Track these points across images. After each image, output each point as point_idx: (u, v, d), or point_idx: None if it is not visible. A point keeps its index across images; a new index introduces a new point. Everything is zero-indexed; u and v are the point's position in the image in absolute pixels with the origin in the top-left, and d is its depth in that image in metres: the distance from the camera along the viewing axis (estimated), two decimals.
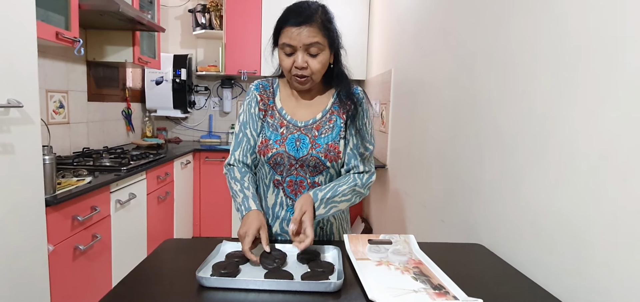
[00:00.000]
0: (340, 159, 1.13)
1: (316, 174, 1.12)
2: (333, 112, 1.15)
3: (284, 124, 1.14)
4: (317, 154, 1.10)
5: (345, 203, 1.12)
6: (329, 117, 1.14)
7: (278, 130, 1.13)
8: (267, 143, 1.12)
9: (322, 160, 1.10)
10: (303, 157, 1.11)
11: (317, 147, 1.11)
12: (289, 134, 1.12)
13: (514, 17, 1.11)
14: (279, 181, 1.13)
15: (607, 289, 0.75)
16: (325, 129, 1.13)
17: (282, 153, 1.10)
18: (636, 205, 0.69)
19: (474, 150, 1.32)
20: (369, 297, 0.78)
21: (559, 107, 0.90)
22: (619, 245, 0.73)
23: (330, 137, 1.12)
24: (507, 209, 1.11)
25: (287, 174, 1.12)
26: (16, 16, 1.23)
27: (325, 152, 1.11)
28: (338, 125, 1.13)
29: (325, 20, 1.07)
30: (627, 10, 0.73)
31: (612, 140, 0.75)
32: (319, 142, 1.11)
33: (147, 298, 0.80)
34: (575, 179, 0.84)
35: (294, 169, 1.12)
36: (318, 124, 1.13)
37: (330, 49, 1.09)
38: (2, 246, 1.19)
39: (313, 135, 1.12)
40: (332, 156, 1.11)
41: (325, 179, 1.14)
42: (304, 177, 1.12)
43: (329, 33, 1.07)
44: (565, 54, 0.89)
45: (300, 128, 1.13)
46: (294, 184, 1.13)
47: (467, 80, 1.39)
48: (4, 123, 1.18)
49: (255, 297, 0.80)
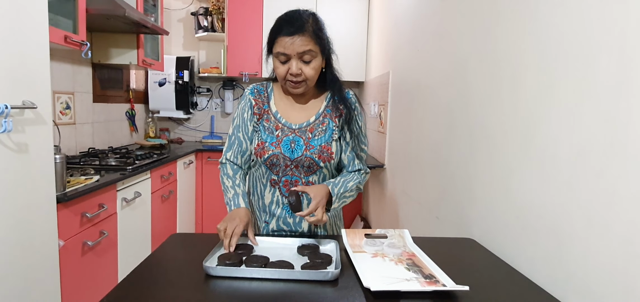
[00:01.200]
0: (333, 159, 1.19)
1: (310, 174, 1.19)
2: (326, 115, 1.21)
3: (279, 127, 1.20)
4: (311, 155, 1.17)
5: (350, 199, 1.21)
6: (322, 120, 1.21)
7: (273, 133, 1.19)
8: (264, 145, 1.18)
9: (315, 161, 1.17)
10: (298, 158, 1.17)
11: (311, 148, 1.17)
12: (284, 136, 1.18)
13: (502, 24, 1.18)
14: (276, 180, 1.20)
15: (584, 276, 0.81)
16: (318, 131, 1.19)
17: (277, 154, 1.17)
18: (609, 198, 0.75)
19: (466, 149, 1.38)
20: (364, 285, 0.84)
21: (542, 108, 0.97)
22: (594, 235, 0.79)
23: (324, 139, 1.18)
24: (496, 204, 1.17)
25: (283, 174, 1.19)
26: (30, 21, 1.29)
27: (319, 153, 1.17)
28: (330, 127, 1.20)
29: (316, 28, 1.13)
30: (600, 17, 0.79)
31: (589, 139, 0.81)
32: (313, 143, 1.18)
33: (159, 284, 0.86)
34: (556, 175, 0.90)
35: (289, 169, 1.18)
36: (312, 127, 1.20)
37: (322, 55, 1.16)
38: (16, 240, 1.25)
39: (307, 137, 1.18)
40: (325, 157, 1.17)
41: (318, 178, 1.21)
42: (298, 177, 1.19)
43: (321, 40, 1.14)
44: (546, 59, 0.95)
45: (294, 130, 1.19)
46: (289, 183, 1.19)
47: (460, 83, 1.45)
48: (18, 123, 1.24)
49: (258, 285, 0.86)
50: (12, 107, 1.18)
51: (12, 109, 1.18)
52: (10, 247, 1.23)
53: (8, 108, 1.15)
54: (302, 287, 0.86)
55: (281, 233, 1.23)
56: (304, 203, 1.15)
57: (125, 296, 0.81)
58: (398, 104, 2.35)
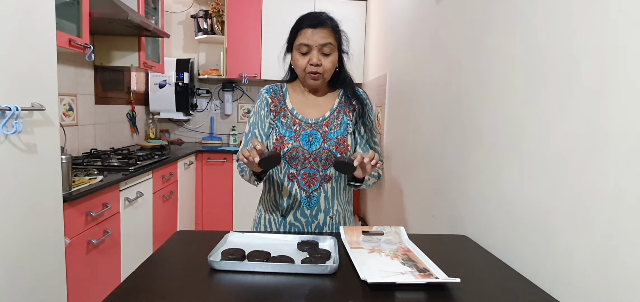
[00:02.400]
0: (349, 151, 1.27)
1: (328, 166, 1.26)
2: (340, 111, 1.30)
3: (297, 122, 1.27)
4: (328, 147, 1.24)
5: (374, 179, 1.32)
6: (336, 115, 1.29)
7: (291, 128, 1.26)
8: (283, 139, 1.25)
9: (333, 152, 1.24)
10: (316, 150, 1.24)
11: (328, 141, 1.25)
12: (301, 131, 1.26)
13: (492, 29, 1.23)
14: (294, 174, 1.26)
15: (568, 268, 0.86)
16: (334, 125, 1.27)
17: (297, 147, 1.24)
18: (590, 195, 0.80)
19: (459, 149, 1.43)
20: (361, 278, 0.89)
21: (530, 110, 1.02)
22: (577, 228, 0.84)
23: (340, 132, 1.27)
24: (488, 202, 1.22)
25: (301, 167, 1.25)
26: (38, 25, 1.34)
27: (336, 145, 1.25)
28: (345, 122, 1.28)
29: (335, 26, 1.25)
30: (582, 26, 0.84)
31: (572, 139, 0.86)
32: (330, 136, 1.26)
33: (166, 276, 0.91)
34: (542, 173, 0.95)
35: (308, 162, 1.25)
36: (327, 121, 1.28)
37: (338, 52, 1.26)
38: (25, 237, 1.29)
39: (324, 131, 1.26)
40: (342, 149, 1.25)
41: (335, 171, 1.26)
42: (316, 170, 1.25)
43: (339, 37, 1.25)
44: (534, 64, 1.01)
45: (311, 125, 1.27)
46: (307, 176, 1.25)
47: (454, 85, 1.50)
48: (27, 125, 1.29)
49: (260, 279, 0.90)
50: (22, 109, 1.22)
51: (22, 110, 1.22)
52: (20, 244, 1.27)
53: (19, 110, 1.20)
54: (302, 281, 0.90)
55: (297, 227, 1.29)
56: (345, 158, 1.17)
57: (136, 286, 0.86)
58: (395, 105, 2.40)
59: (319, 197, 1.26)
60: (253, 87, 3.86)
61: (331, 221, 1.30)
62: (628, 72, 0.73)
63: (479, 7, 1.33)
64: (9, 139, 1.21)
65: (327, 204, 1.28)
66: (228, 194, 3.40)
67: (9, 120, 1.18)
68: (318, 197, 1.27)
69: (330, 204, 1.28)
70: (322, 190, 1.26)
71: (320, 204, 1.27)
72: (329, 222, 1.30)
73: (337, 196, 1.30)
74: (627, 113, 0.73)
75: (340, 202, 1.31)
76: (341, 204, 1.31)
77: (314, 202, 1.27)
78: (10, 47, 1.21)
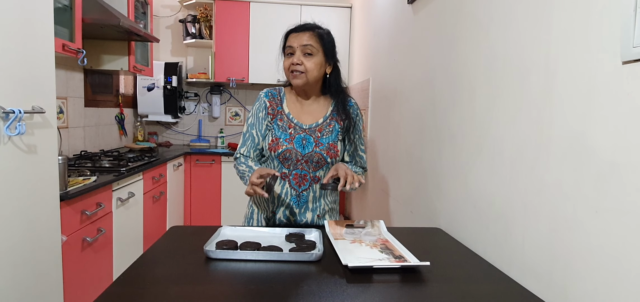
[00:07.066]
0: (338, 156, 1.38)
1: (318, 168, 1.36)
2: (332, 118, 1.41)
3: (292, 126, 1.37)
4: (320, 151, 1.35)
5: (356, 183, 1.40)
6: (329, 122, 1.40)
7: (287, 131, 1.36)
8: (278, 141, 1.35)
9: (324, 156, 1.35)
10: (308, 153, 1.34)
11: (320, 145, 1.35)
12: (296, 134, 1.36)
13: (461, 41, 1.36)
14: (286, 174, 1.36)
15: (521, 252, 0.99)
16: (326, 131, 1.38)
17: (291, 149, 1.34)
18: (538, 187, 0.93)
19: (434, 149, 1.55)
20: (342, 263, 1.00)
21: (491, 113, 1.15)
22: (529, 216, 0.97)
23: (331, 138, 1.38)
24: (458, 196, 1.35)
25: (293, 168, 1.35)
26: (38, 31, 1.41)
27: (327, 150, 1.35)
28: (336, 129, 1.40)
29: (320, 32, 1.36)
30: (531, 42, 0.97)
31: (524, 139, 0.99)
32: (322, 141, 1.36)
33: (166, 265, 1.00)
34: (501, 169, 1.08)
35: (300, 164, 1.35)
36: (320, 127, 1.38)
37: (325, 57, 1.36)
38: (24, 235, 1.36)
39: (316, 136, 1.37)
40: (332, 153, 1.36)
41: (324, 173, 1.37)
42: (307, 171, 1.36)
43: (323, 42, 1.35)
44: (493, 73, 1.14)
45: (305, 130, 1.37)
46: (299, 177, 1.36)
47: (429, 91, 1.63)
48: (28, 127, 1.35)
49: (252, 266, 1.00)
50: (24, 112, 1.29)
51: (24, 113, 1.29)
52: (19, 241, 1.34)
53: (21, 113, 1.27)
54: (290, 267, 1.01)
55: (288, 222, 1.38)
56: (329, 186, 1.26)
57: (139, 273, 0.95)
58: (377, 108, 2.53)
59: (308, 197, 1.37)
60: (241, 91, 3.94)
61: (318, 220, 1.41)
62: (565, 82, 0.86)
63: (450, 17, 1.46)
64: (12, 140, 1.28)
65: (314, 203, 1.38)
66: (216, 195, 3.47)
67: (12, 123, 1.25)
68: (307, 197, 1.37)
69: (317, 203, 1.39)
70: (311, 190, 1.37)
71: (309, 203, 1.38)
72: (317, 220, 1.41)
73: (325, 196, 1.40)
74: (566, 117, 0.85)
75: (327, 202, 1.42)
76: (328, 203, 1.42)
77: (303, 201, 1.37)
78: (13, 53, 1.28)
